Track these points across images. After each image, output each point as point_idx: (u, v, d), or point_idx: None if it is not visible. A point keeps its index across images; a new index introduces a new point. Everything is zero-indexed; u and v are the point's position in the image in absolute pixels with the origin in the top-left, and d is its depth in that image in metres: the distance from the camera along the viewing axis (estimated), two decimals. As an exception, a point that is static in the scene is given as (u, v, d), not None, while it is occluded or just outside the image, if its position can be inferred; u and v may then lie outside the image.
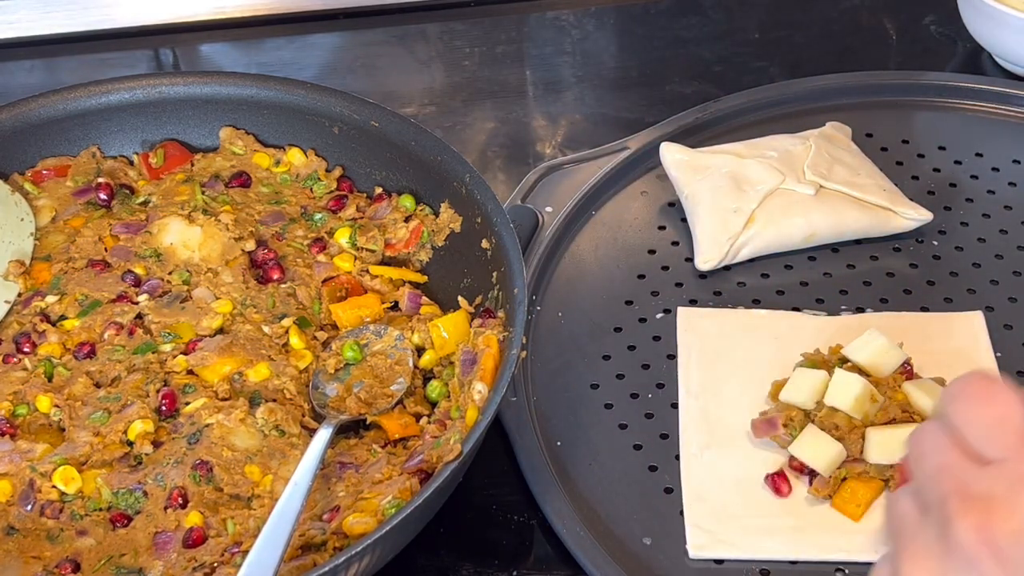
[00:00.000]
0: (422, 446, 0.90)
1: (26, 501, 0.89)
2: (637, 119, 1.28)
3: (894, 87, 1.28)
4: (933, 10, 1.42)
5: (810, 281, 1.10)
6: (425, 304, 1.02)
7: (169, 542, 0.87)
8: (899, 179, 1.17)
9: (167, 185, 1.10)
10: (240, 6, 1.43)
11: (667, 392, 1.01)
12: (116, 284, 1.02)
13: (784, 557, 0.90)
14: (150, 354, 0.98)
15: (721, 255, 1.09)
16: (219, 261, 1.03)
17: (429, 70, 1.39)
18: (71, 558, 0.87)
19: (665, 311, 1.08)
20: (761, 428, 0.95)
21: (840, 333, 1.02)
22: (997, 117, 1.26)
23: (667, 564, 0.90)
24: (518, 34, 1.43)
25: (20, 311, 1.01)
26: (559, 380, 1.02)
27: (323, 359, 0.98)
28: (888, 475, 0.91)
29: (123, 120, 1.12)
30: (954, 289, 1.09)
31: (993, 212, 1.16)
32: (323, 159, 1.11)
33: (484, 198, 0.99)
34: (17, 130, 1.10)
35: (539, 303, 1.08)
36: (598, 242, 1.14)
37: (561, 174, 1.18)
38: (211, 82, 1.12)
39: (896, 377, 0.95)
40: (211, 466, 0.89)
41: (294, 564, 0.84)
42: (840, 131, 1.19)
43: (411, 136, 1.06)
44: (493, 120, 1.32)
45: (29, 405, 0.95)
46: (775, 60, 1.37)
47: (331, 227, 1.07)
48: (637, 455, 0.97)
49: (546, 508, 0.93)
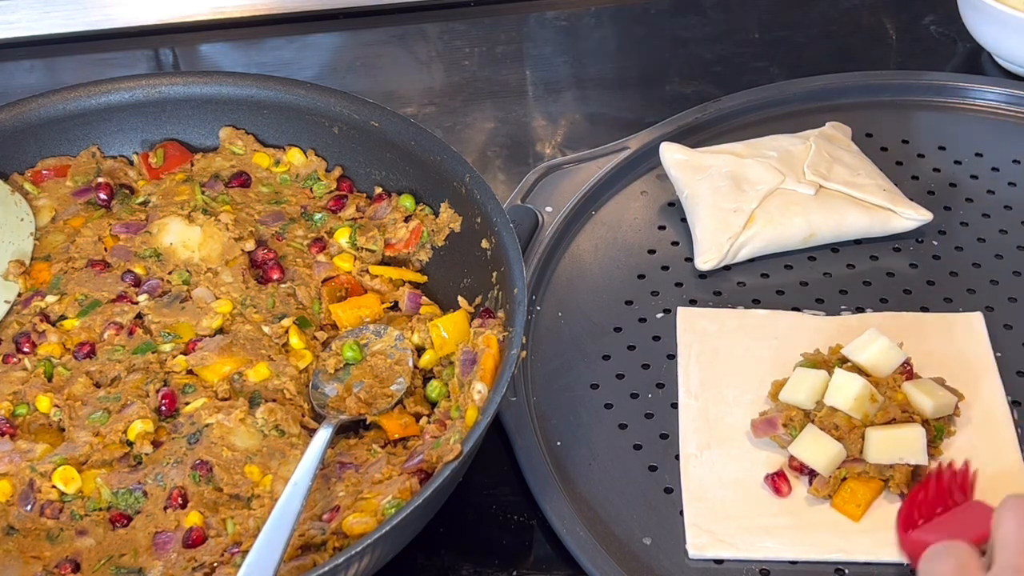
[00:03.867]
0: (422, 446, 0.90)
1: (26, 501, 0.89)
2: (637, 119, 1.28)
3: (894, 87, 1.28)
4: (933, 10, 1.42)
5: (810, 281, 1.10)
6: (425, 304, 1.02)
7: (169, 542, 0.87)
8: (899, 179, 1.17)
9: (167, 185, 1.10)
10: (240, 6, 1.43)
11: (667, 392, 1.01)
12: (116, 284, 1.02)
13: (784, 557, 0.90)
14: (150, 354, 0.98)
15: (721, 255, 1.09)
16: (219, 261, 1.03)
17: (429, 70, 1.39)
18: (71, 558, 0.87)
19: (665, 311, 1.08)
20: (761, 428, 0.95)
21: (840, 333, 1.02)
22: (997, 117, 1.26)
23: (667, 564, 0.90)
24: (518, 34, 1.43)
25: (20, 311, 1.01)
26: (559, 380, 1.02)
27: (323, 359, 0.98)
28: (888, 475, 0.91)
29: (123, 120, 1.12)
30: (954, 289, 1.09)
31: (993, 212, 1.16)
32: (323, 159, 1.11)
33: (484, 198, 0.99)
34: (17, 130, 1.10)
35: (539, 303, 1.08)
36: (598, 242, 1.14)
37: (561, 174, 1.18)
38: (211, 82, 1.12)
39: (896, 377, 0.95)
40: (211, 466, 0.89)
41: (294, 564, 0.84)
42: (840, 131, 1.19)
43: (411, 136, 1.06)
44: (493, 120, 1.32)
45: (29, 405, 0.95)
46: (775, 60, 1.37)
47: (331, 227, 1.07)
48: (637, 455, 0.97)
49: (546, 508, 0.93)
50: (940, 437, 0.94)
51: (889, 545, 0.89)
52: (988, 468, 0.94)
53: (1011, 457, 0.95)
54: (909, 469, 0.91)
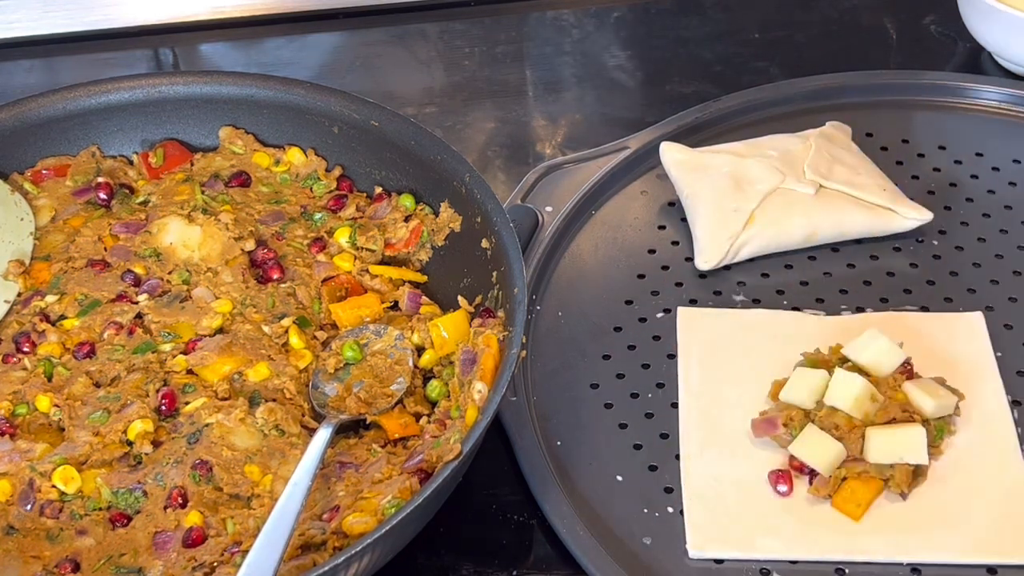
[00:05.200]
0: (422, 446, 0.90)
1: (26, 501, 0.89)
2: (637, 119, 1.28)
3: (894, 87, 1.28)
4: (933, 10, 1.42)
5: (810, 281, 1.10)
6: (425, 304, 1.02)
7: (169, 542, 0.87)
8: (899, 179, 1.17)
9: (167, 185, 1.10)
10: (240, 6, 1.43)
11: (667, 392, 1.01)
12: (116, 284, 1.02)
13: (784, 557, 0.90)
14: (150, 354, 0.98)
15: (721, 255, 1.09)
16: (219, 261, 1.03)
17: (429, 70, 1.39)
18: (71, 558, 0.87)
19: (665, 311, 1.08)
20: (761, 428, 0.95)
21: (840, 333, 1.02)
22: (997, 117, 1.26)
23: (667, 564, 0.90)
24: (518, 34, 1.43)
25: (20, 311, 1.01)
26: (559, 380, 1.02)
27: (323, 359, 0.98)
28: (888, 475, 0.91)
29: (123, 120, 1.12)
30: (954, 289, 1.09)
31: (993, 212, 1.16)
32: (323, 159, 1.11)
33: (484, 198, 0.99)
34: (17, 130, 1.10)
35: (539, 303, 1.08)
36: (598, 242, 1.14)
37: (561, 174, 1.18)
38: (211, 82, 1.12)
39: (896, 377, 0.95)
40: (211, 466, 0.89)
41: (294, 564, 0.83)
42: (840, 131, 1.19)
43: (411, 136, 1.06)
44: (493, 120, 1.32)
45: (29, 405, 0.95)
46: (775, 60, 1.37)
47: (331, 227, 1.07)
48: (637, 455, 0.97)
49: (546, 508, 0.93)
50: (940, 437, 0.94)
51: (889, 544, 0.89)
52: (988, 468, 0.94)
53: (1011, 457, 0.95)
54: (909, 469, 0.91)
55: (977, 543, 0.89)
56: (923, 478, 0.92)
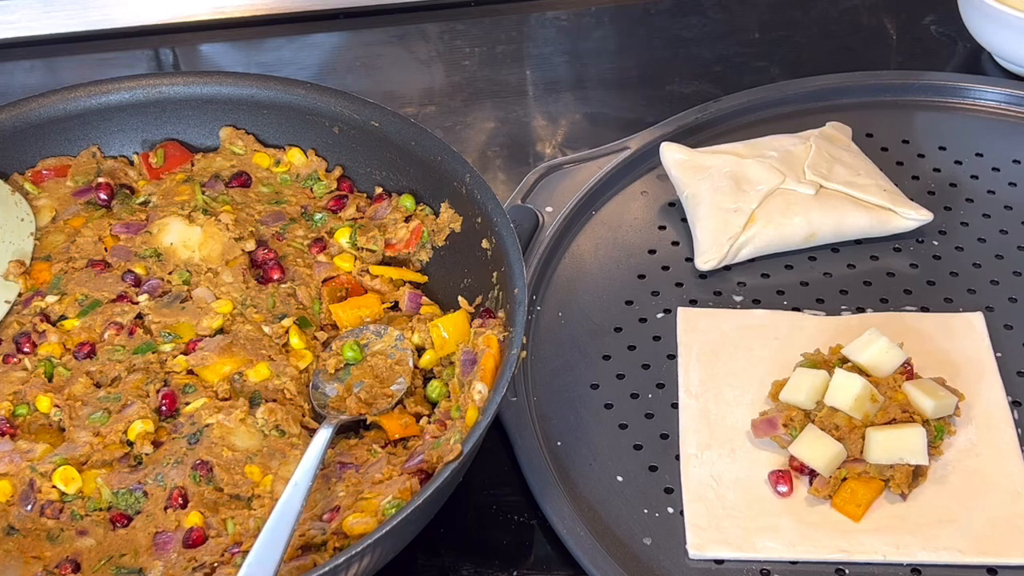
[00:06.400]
0: (422, 446, 0.90)
1: (26, 501, 0.89)
2: (637, 119, 1.28)
3: (894, 87, 1.28)
4: (933, 10, 1.42)
5: (810, 281, 1.10)
6: (425, 304, 1.02)
7: (169, 542, 0.87)
8: (899, 179, 1.17)
9: (167, 185, 1.10)
10: (240, 6, 1.43)
11: (667, 392, 1.01)
12: (116, 284, 1.02)
13: (784, 557, 0.90)
14: (150, 354, 0.98)
15: (721, 255, 1.09)
16: (219, 261, 1.03)
17: (429, 70, 1.40)
18: (71, 558, 0.87)
19: (665, 311, 1.08)
20: (761, 428, 0.95)
21: (840, 333, 1.02)
22: (997, 117, 1.26)
23: (667, 564, 0.90)
24: (518, 34, 1.43)
25: (20, 311, 1.01)
26: (559, 380, 1.02)
27: (323, 359, 0.98)
28: (888, 475, 0.91)
29: (123, 120, 1.12)
30: (954, 289, 1.09)
31: (993, 212, 1.16)
32: (323, 159, 1.11)
33: (484, 198, 0.99)
34: (17, 130, 1.10)
35: (539, 303, 1.08)
36: (598, 242, 1.14)
37: (561, 174, 1.18)
38: (211, 82, 1.12)
39: (896, 377, 0.95)
40: (211, 466, 0.89)
41: (294, 564, 0.84)
42: (840, 131, 1.19)
43: (411, 136, 1.06)
44: (493, 120, 1.32)
45: (29, 405, 0.95)
46: (775, 60, 1.37)
47: (331, 227, 1.07)
48: (637, 455, 0.97)
49: (546, 508, 0.93)
50: (940, 437, 0.94)
51: (889, 545, 0.89)
52: (988, 468, 0.94)
53: (1011, 457, 0.95)
54: (909, 469, 0.91)
55: (977, 543, 0.89)
56: (923, 478, 0.93)
